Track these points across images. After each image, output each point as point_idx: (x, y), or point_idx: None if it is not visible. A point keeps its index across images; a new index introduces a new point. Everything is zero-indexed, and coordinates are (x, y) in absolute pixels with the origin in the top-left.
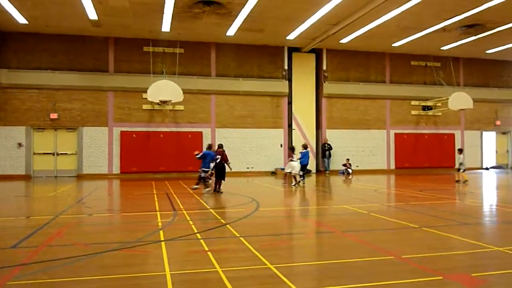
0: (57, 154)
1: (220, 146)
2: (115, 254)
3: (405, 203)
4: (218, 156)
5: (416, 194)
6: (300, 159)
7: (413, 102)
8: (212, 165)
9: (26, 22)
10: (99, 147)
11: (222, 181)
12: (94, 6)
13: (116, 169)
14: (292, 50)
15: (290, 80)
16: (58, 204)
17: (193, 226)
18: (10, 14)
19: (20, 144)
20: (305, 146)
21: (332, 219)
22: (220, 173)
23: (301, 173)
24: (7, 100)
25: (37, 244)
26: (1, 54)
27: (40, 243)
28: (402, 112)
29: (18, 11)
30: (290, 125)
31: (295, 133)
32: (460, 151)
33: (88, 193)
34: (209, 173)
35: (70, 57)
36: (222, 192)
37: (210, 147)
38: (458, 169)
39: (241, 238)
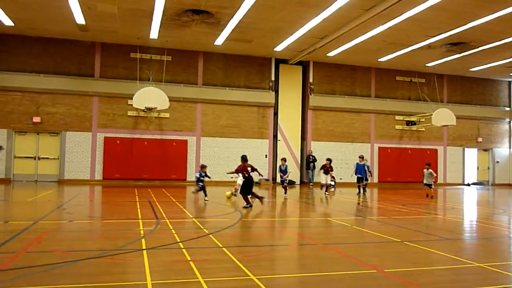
0: (39, 158)
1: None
2: (95, 262)
3: (388, 217)
4: (248, 168)
5: (398, 208)
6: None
7: (397, 117)
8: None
9: (12, 24)
10: (82, 152)
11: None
12: (82, 11)
13: (98, 175)
14: (280, 61)
15: (276, 91)
16: (38, 210)
17: (175, 235)
18: None
19: (0, 147)
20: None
21: (315, 231)
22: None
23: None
24: None
25: (15, 250)
26: None
27: (18, 249)
28: (386, 127)
29: (5, 12)
30: (275, 136)
31: (280, 144)
32: (429, 165)
33: (69, 199)
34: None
35: (55, 60)
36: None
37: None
38: (427, 184)
39: (224, 249)
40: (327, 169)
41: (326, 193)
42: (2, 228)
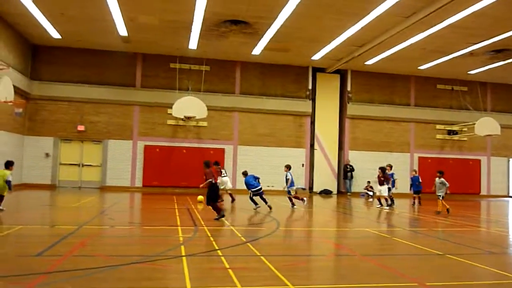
0: (82, 166)
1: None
2: (136, 267)
3: (428, 228)
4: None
5: (439, 220)
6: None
7: (438, 126)
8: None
9: (60, 37)
10: (123, 160)
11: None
12: (124, 23)
13: (138, 182)
14: (317, 70)
15: (313, 100)
16: (81, 215)
17: (214, 242)
18: (45, 28)
19: (47, 154)
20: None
21: (353, 242)
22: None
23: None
24: (37, 111)
25: (61, 253)
26: (34, 66)
27: (64, 253)
28: (427, 136)
29: (53, 26)
30: (312, 145)
31: (317, 153)
32: (441, 173)
33: (110, 205)
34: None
35: (98, 71)
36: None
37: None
38: (439, 196)
39: (262, 257)
40: (379, 179)
41: (378, 205)
42: (49, 232)
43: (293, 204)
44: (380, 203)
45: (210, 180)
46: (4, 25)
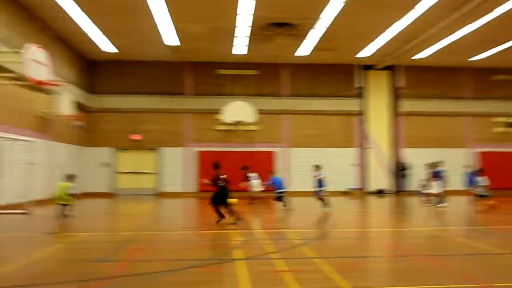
0: (138, 173)
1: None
2: (194, 271)
3: (493, 226)
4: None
5: (503, 217)
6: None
7: (496, 119)
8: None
9: (117, 51)
10: (177, 166)
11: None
12: (174, 33)
13: (192, 188)
14: (365, 67)
15: (363, 98)
16: (139, 221)
17: (267, 245)
18: (98, 44)
19: (105, 164)
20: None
21: (411, 242)
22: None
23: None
24: (95, 123)
25: (123, 258)
26: (90, 81)
27: (125, 258)
28: (484, 130)
29: (107, 41)
30: (363, 144)
31: (370, 152)
32: (480, 171)
33: (166, 211)
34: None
35: (150, 81)
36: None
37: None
38: (481, 195)
39: (316, 259)
40: (430, 176)
41: (439, 204)
42: (110, 238)
43: (324, 205)
44: (434, 201)
45: (213, 181)
46: (63, 44)
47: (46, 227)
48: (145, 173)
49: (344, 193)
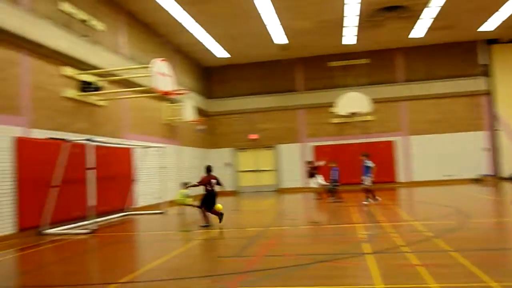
0: (258, 171)
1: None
2: (325, 265)
3: None
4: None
5: None
6: None
7: None
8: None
9: (229, 56)
10: (295, 162)
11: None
12: (283, 32)
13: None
14: (490, 42)
15: (490, 76)
16: (264, 217)
17: (396, 238)
18: (213, 51)
19: (227, 164)
20: None
21: None
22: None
23: None
24: (215, 126)
25: (254, 253)
26: (208, 86)
27: (257, 253)
28: None
29: (223, 47)
30: (493, 126)
31: (501, 135)
32: None
33: (288, 206)
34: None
35: (262, 81)
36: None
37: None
38: None
39: (453, 252)
40: None
41: None
42: (239, 234)
43: (370, 198)
44: None
45: (203, 185)
46: (181, 55)
47: (179, 225)
48: (265, 170)
49: (475, 181)
